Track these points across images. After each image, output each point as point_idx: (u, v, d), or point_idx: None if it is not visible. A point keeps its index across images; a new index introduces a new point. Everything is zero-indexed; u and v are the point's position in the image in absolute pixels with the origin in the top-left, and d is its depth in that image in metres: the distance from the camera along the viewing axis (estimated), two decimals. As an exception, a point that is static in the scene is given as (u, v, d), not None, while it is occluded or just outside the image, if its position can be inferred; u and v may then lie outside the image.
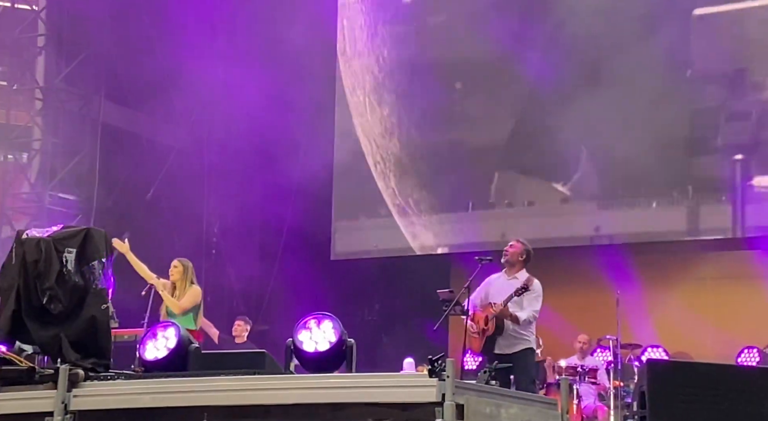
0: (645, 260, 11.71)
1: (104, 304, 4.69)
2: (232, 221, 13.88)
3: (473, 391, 4.02)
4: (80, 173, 12.44)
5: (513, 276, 7.76)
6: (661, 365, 6.67)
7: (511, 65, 12.69)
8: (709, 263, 11.88)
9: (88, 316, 4.60)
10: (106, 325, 4.71)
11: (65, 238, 4.65)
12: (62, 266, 4.58)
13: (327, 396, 4.05)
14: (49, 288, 4.54)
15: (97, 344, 4.63)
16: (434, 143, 13.25)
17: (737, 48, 11.70)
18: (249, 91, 12.85)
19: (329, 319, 4.68)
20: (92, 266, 4.65)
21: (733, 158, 11.62)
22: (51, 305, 4.54)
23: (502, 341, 7.57)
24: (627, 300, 10.85)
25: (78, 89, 12.67)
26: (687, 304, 11.51)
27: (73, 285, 4.58)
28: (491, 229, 12.38)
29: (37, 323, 4.57)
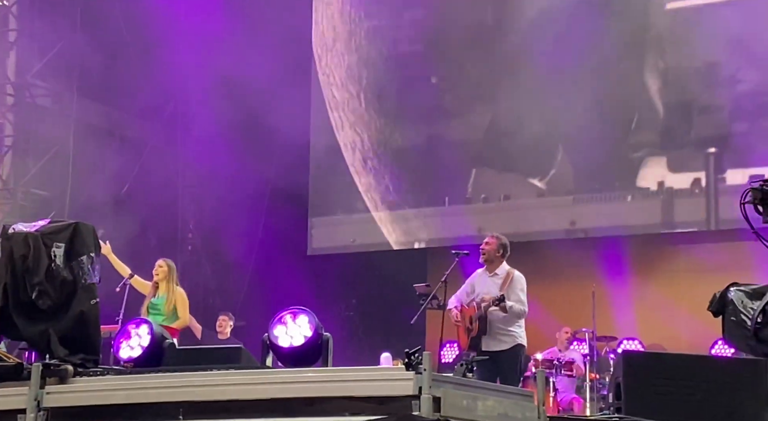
0: (620, 254, 11.80)
1: (93, 299, 4.65)
2: (207, 217, 13.84)
3: (450, 384, 4.02)
4: (53, 169, 12.34)
5: (493, 272, 7.75)
6: (637, 356, 6.71)
7: (488, 60, 12.74)
8: (683, 255, 11.98)
9: (77, 311, 4.56)
10: (95, 320, 4.67)
11: (53, 232, 4.60)
12: (51, 261, 4.53)
13: (303, 390, 4.04)
14: (38, 283, 4.49)
15: (86, 339, 4.58)
16: (411, 138, 13.27)
17: (709, 42, 11.78)
18: (223, 87, 12.81)
19: (305, 313, 4.68)
20: (81, 260, 4.59)
21: (707, 151, 11.72)
22: (40, 300, 4.49)
23: (488, 340, 7.55)
24: (602, 293, 10.94)
25: (50, 85, 12.58)
26: (662, 296, 11.60)
27: (62, 280, 4.53)
28: (468, 223, 12.42)
29: (26, 319, 4.52)
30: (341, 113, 13.82)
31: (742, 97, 11.57)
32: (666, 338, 10.85)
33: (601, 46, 12.03)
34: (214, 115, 13.05)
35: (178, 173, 13.67)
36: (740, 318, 4.00)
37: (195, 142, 13.66)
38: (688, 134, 11.89)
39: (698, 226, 11.78)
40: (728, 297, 4.10)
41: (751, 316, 3.95)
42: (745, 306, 4.02)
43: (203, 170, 13.69)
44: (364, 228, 13.41)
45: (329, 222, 13.69)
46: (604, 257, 11.76)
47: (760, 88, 11.50)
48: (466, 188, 12.93)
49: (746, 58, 11.55)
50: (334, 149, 13.68)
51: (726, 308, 4.10)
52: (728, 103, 11.65)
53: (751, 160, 11.42)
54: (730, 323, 4.09)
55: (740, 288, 4.10)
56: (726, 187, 11.51)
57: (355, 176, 13.58)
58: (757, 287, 4.10)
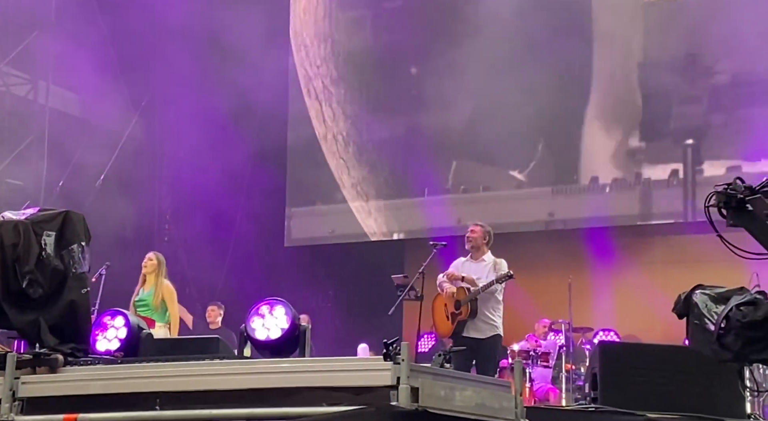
0: (598, 245, 11.87)
1: (84, 288, 4.60)
2: (184, 208, 13.80)
3: (428, 374, 4.04)
4: (28, 159, 12.28)
5: (481, 259, 7.91)
6: (613, 347, 6.80)
7: (468, 51, 12.75)
8: (659, 247, 12.07)
9: (68, 300, 4.51)
10: (86, 309, 4.63)
11: (44, 221, 4.54)
12: (41, 250, 4.47)
13: (280, 381, 4.04)
14: (29, 272, 4.42)
15: (76, 328, 4.54)
16: (390, 129, 13.28)
17: (687, 34, 11.86)
18: (200, 75, 12.77)
19: (281, 304, 4.67)
20: (72, 249, 4.54)
21: (684, 143, 11.81)
22: (31, 289, 4.44)
23: (472, 325, 7.69)
24: (580, 284, 10.99)
25: (24, 73, 12.50)
26: (638, 287, 11.68)
27: (53, 269, 4.48)
28: (447, 214, 12.46)
29: (16, 308, 4.46)
30: (319, 104, 13.81)
31: (719, 89, 11.66)
32: (642, 329, 10.94)
33: (580, 39, 12.09)
34: (192, 105, 13.01)
35: (154, 164, 13.62)
36: (704, 322, 4.02)
37: (172, 133, 13.60)
38: (667, 126, 11.97)
39: (676, 217, 11.87)
40: (692, 300, 4.12)
41: (715, 321, 3.98)
42: (709, 310, 4.04)
43: (180, 161, 13.64)
44: (342, 219, 13.42)
45: (307, 213, 13.70)
46: (582, 249, 11.84)
47: (737, 80, 11.60)
48: (445, 179, 12.97)
49: (724, 50, 11.63)
50: (312, 140, 13.68)
51: (690, 311, 4.13)
52: (706, 95, 11.73)
53: (728, 151, 11.53)
54: (694, 326, 4.12)
55: (705, 291, 4.12)
56: (704, 179, 11.60)
57: (333, 167, 13.58)
58: (721, 290, 4.13)
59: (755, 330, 3.88)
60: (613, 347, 6.87)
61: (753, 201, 3.85)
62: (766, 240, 3.90)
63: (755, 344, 3.91)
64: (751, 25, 11.33)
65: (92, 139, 12.74)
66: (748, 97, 11.46)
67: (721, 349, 3.96)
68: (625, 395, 5.24)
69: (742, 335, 3.90)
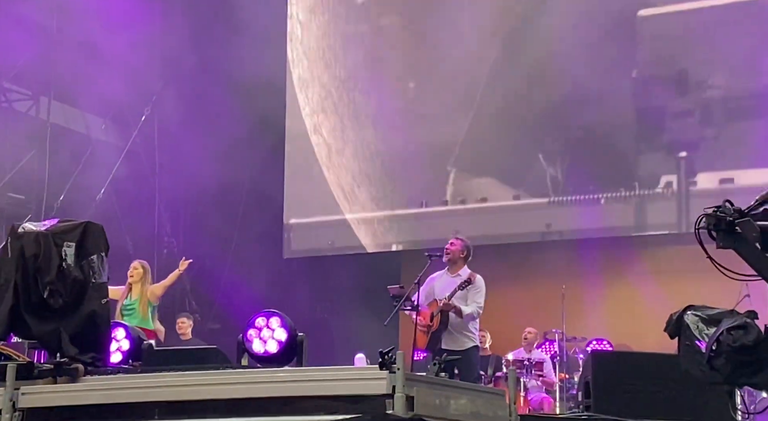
0: (593, 256, 11.90)
1: (104, 298, 4.61)
2: (182, 220, 13.86)
3: (423, 382, 4.07)
4: (30, 173, 12.32)
5: (456, 273, 7.94)
6: (605, 355, 6.83)
7: (465, 66, 12.83)
8: (653, 257, 12.09)
9: (88, 310, 4.52)
10: (105, 319, 4.64)
11: (64, 231, 4.55)
12: (62, 260, 4.48)
13: (278, 390, 4.07)
14: (49, 282, 4.44)
15: (96, 338, 4.54)
16: (388, 141, 13.33)
17: (680, 49, 11.93)
18: (200, 88, 12.82)
19: (277, 316, 4.71)
20: (91, 259, 4.56)
21: (678, 155, 11.86)
22: (51, 299, 4.45)
23: (447, 336, 7.71)
24: (574, 294, 11.03)
25: (27, 90, 12.55)
26: (630, 297, 11.72)
27: (73, 279, 4.48)
28: (445, 226, 12.47)
29: (37, 318, 4.47)
30: (317, 116, 13.86)
31: (711, 103, 11.72)
32: (634, 338, 10.95)
33: (573, 52, 12.15)
34: (190, 119, 13.07)
35: (154, 177, 13.65)
36: (695, 344, 4.06)
37: (171, 146, 13.64)
38: (660, 139, 12.03)
39: (669, 228, 11.91)
40: (684, 321, 4.16)
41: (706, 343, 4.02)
42: (700, 331, 4.07)
43: (179, 174, 13.68)
44: (341, 231, 13.45)
45: (306, 225, 13.73)
46: (575, 259, 11.87)
47: (729, 95, 11.65)
48: (443, 191, 13.01)
49: (716, 65, 11.71)
50: (309, 152, 13.72)
51: (682, 332, 4.16)
52: (698, 109, 11.79)
53: (721, 164, 11.58)
54: (686, 347, 4.14)
55: (696, 312, 4.15)
56: (697, 190, 11.66)
57: (331, 179, 13.62)
58: (712, 313, 4.16)
59: (745, 354, 3.90)
60: (605, 355, 6.90)
61: (742, 224, 3.87)
62: (755, 262, 3.93)
63: (745, 367, 3.94)
64: (742, 41, 11.43)
65: (93, 153, 12.79)
66: (739, 111, 11.54)
67: (712, 371, 3.98)
68: (618, 404, 5.26)
69: (733, 359, 3.92)
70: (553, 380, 10.11)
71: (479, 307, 7.84)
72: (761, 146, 11.34)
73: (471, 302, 7.79)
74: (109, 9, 11.77)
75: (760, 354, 3.91)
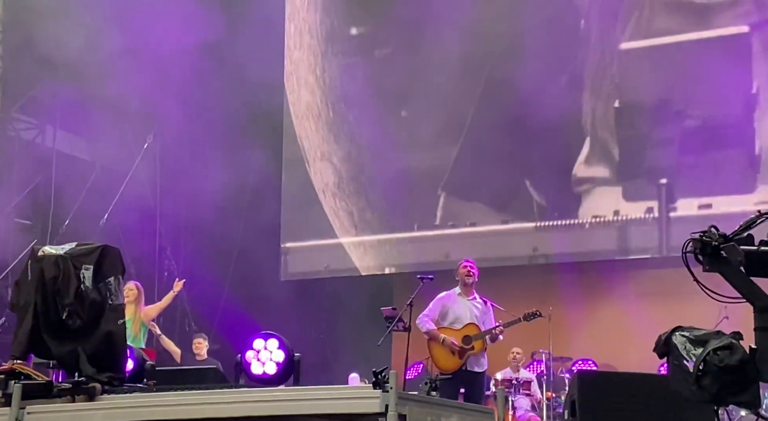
0: (578, 279, 11.93)
1: (120, 319, 4.63)
2: (183, 244, 13.87)
3: (415, 401, 4.09)
4: (36, 199, 12.35)
5: (471, 297, 8.02)
6: (590, 375, 6.83)
7: (454, 95, 12.94)
8: (636, 280, 12.12)
9: (105, 331, 4.54)
10: (122, 340, 4.65)
11: (82, 255, 4.58)
12: (80, 283, 4.50)
13: (275, 408, 4.09)
14: (68, 304, 4.45)
15: (113, 358, 4.56)
16: (381, 168, 13.38)
17: (660, 80, 12.04)
18: (200, 119, 12.88)
19: (275, 338, 4.73)
20: (108, 282, 4.58)
21: (659, 182, 11.92)
22: (70, 320, 4.46)
23: (474, 359, 7.86)
24: (560, 316, 11.03)
25: (33, 119, 12.61)
26: (615, 319, 11.74)
27: (91, 301, 4.51)
28: (436, 249, 12.51)
29: (56, 339, 4.48)
30: (313, 144, 13.93)
31: (690, 131, 11.80)
32: (618, 358, 10.97)
33: (558, 84, 12.27)
34: (191, 148, 13.12)
35: (155, 203, 13.67)
36: (683, 364, 4.10)
37: (172, 173, 13.69)
38: (642, 166, 12.10)
39: (651, 252, 11.95)
40: (672, 341, 4.19)
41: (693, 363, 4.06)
42: (688, 352, 4.10)
43: (180, 200, 13.72)
44: (335, 254, 13.47)
45: (302, 249, 13.75)
46: (561, 282, 11.90)
47: (706, 124, 11.75)
48: (434, 216, 13.05)
49: (694, 95, 11.81)
50: (305, 179, 13.77)
51: (671, 351, 4.20)
52: (678, 137, 11.87)
53: (699, 190, 11.66)
54: (674, 367, 4.16)
55: (684, 333, 4.19)
56: (677, 216, 11.73)
57: (326, 205, 13.66)
58: (700, 333, 4.20)
59: (731, 374, 3.92)
60: (590, 375, 6.90)
61: (727, 248, 3.89)
62: (739, 285, 3.95)
63: (732, 387, 3.94)
64: (718, 73, 11.54)
65: (97, 179, 12.82)
66: (716, 140, 11.62)
67: (700, 390, 4.01)
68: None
69: (719, 379, 3.93)
70: (539, 397, 10.12)
71: None
72: (737, 173, 11.45)
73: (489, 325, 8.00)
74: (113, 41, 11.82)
75: (746, 374, 3.93)
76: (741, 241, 3.92)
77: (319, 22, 14.11)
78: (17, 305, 4.59)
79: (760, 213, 4.02)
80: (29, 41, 12.31)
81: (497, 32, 12.81)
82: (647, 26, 12.30)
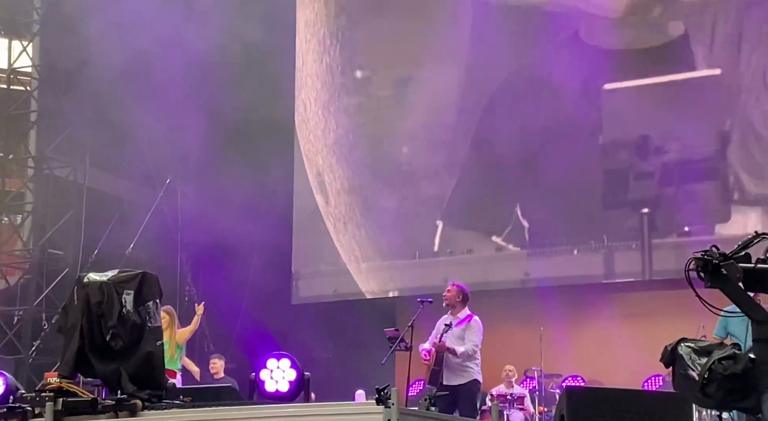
0: (567, 300, 11.93)
1: (159, 340, 4.65)
2: (202, 271, 13.91)
3: (415, 416, 4.10)
4: (67, 231, 12.40)
5: (456, 316, 7.93)
6: (578, 391, 6.81)
7: (451, 131, 13.04)
8: (620, 302, 12.13)
9: (145, 352, 4.55)
10: (160, 360, 4.67)
11: (124, 281, 4.59)
12: (122, 307, 4.51)
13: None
14: (112, 327, 4.47)
15: (152, 376, 4.57)
16: (384, 199, 13.43)
17: (641, 118, 12.11)
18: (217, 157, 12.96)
19: (287, 358, 4.74)
20: (148, 306, 4.59)
21: (641, 212, 11.95)
22: (113, 341, 4.47)
23: (447, 373, 7.69)
24: (551, 335, 11.04)
25: (66, 158, 12.71)
26: (602, 338, 11.72)
27: (132, 324, 4.51)
28: (435, 274, 12.52)
29: (100, 359, 4.50)
30: (321, 177, 14.00)
31: (669, 165, 11.86)
32: (604, 375, 10.95)
33: (547, 120, 12.36)
34: (209, 183, 13.20)
35: (177, 233, 13.73)
36: (688, 372, 4.10)
37: (192, 207, 13.76)
38: (625, 197, 12.14)
39: (635, 276, 11.96)
40: (678, 352, 4.20)
41: (699, 371, 4.07)
42: (693, 361, 4.11)
43: (199, 230, 13.77)
44: (343, 279, 13.48)
45: (312, 274, 13.77)
46: (552, 304, 11.88)
47: (684, 158, 11.82)
48: (433, 243, 13.09)
49: (673, 132, 11.89)
50: (314, 209, 13.82)
51: (676, 361, 4.21)
52: (658, 171, 11.93)
53: (678, 219, 11.72)
54: (680, 376, 4.17)
55: (689, 344, 4.20)
56: (657, 243, 11.76)
57: (334, 234, 13.70)
58: (703, 344, 4.22)
59: (735, 382, 3.96)
60: (578, 391, 6.89)
61: (727, 266, 3.93)
62: (738, 300, 3.99)
63: (735, 393, 3.99)
64: (695, 111, 11.64)
65: (123, 213, 12.89)
66: (693, 173, 11.69)
67: (705, 397, 4.02)
68: (589, 434, 5.29)
69: (724, 386, 3.97)
70: (532, 411, 10.08)
71: (475, 345, 7.77)
72: (713, 203, 11.49)
73: (467, 340, 7.76)
74: (139, 88, 11.96)
75: (749, 382, 3.96)
76: (739, 259, 3.95)
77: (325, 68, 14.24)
78: (65, 328, 4.61)
79: (756, 233, 4.06)
80: (64, 89, 12.48)
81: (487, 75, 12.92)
82: (629, 69, 12.40)
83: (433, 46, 13.29)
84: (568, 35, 12.70)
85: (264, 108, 12.70)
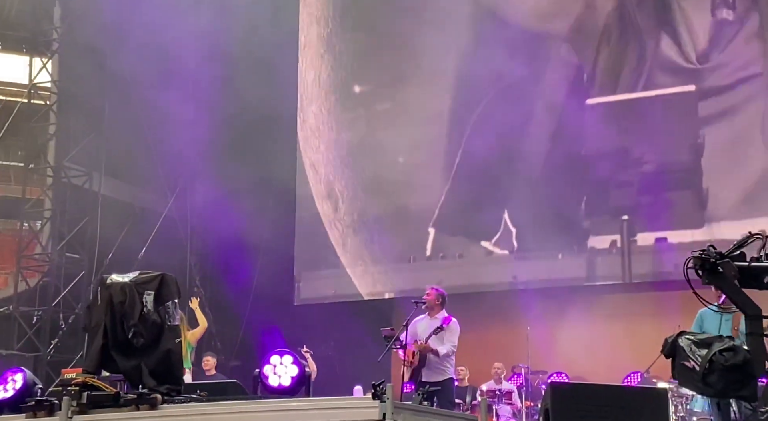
0: (552, 302, 11.95)
1: (177, 338, 4.63)
2: (210, 273, 13.93)
3: (409, 410, 4.11)
4: (83, 237, 12.42)
5: (434, 317, 7.96)
6: (562, 386, 6.82)
7: (443, 142, 13.09)
8: (602, 303, 12.14)
9: (165, 349, 4.54)
10: (178, 356, 4.65)
11: (145, 282, 4.58)
12: (143, 306, 4.50)
13: (288, 417, 4.10)
14: (133, 325, 4.46)
15: (171, 372, 4.56)
16: (381, 207, 13.46)
17: (621, 131, 12.17)
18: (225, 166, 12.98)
19: (290, 354, 4.75)
20: (167, 305, 4.57)
21: (621, 218, 12.00)
22: (135, 339, 4.47)
23: (426, 371, 7.74)
24: (537, 334, 11.05)
25: (82, 167, 12.74)
26: (585, 337, 11.71)
27: (152, 322, 4.50)
28: (429, 277, 12.46)
29: (122, 355, 4.50)
30: (322, 186, 14.03)
31: (647, 175, 11.92)
32: (587, 371, 10.95)
33: (533, 133, 12.41)
34: (216, 191, 13.21)
35: (186, 238, 13.74)
36: (689, 363, 4.12)
37: (200, 213, 13.78)
38: (606, 205, 12.19)
39: (615, 279, 11.99)
40: (678, 344, 4.21)
41: (699, 362, 4.08)
42: (693, 352, 4.12)
43: (207, 236, 13.79)
44: (342, 281, 13.50)
45: (313, 277, 13.78)
46: (538, 305, 11.91)
47: (661, 168, 11.88)
48: (426, 248, 13.11)
49: (650, 144, 11.95)
50: (316, 215, 13.85)
51: (677, 353, 4.21)
52: (637, 180, 11.99)
53: (656, 225, 11.76)
54: (681, 366, 4.18)
55: (688, 336, 4.22)
56: (637, 247, 11.80)
57: (334, 238, 13.73)
58: (703, 336, 4.24)
59: (735, 372, 3.98)
60: (562, 387, 6.90)
61: (723, 264, 3.92)
62: (733, 296, 3.99)
63: (735, 383, 4.01)
64: (671, 124, 11.70)
65: (136, 219, 12.90)
66: (669, 183, 11.75)
67: (705, 386, 4.04)
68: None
69: (725, 376, 3.99)
70: (519, 406, 10.09)
71: (453, 346, 7.84)
72: (688, 211, 11.53)
73: (446, 341, 7.81)
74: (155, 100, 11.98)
75: (747, 372, 3.97)
76: (735, 257, 3.95)
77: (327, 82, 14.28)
78: (89, 326, 4.61)
79: (750, 234, 4.05)
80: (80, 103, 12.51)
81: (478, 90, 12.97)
82: (609, 85, 12.46)
83: (424, 65, 13.37)
84: (553, 53, 12.77)
85: (269, 118, 12.74)
